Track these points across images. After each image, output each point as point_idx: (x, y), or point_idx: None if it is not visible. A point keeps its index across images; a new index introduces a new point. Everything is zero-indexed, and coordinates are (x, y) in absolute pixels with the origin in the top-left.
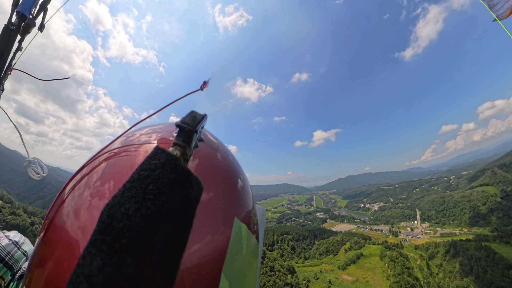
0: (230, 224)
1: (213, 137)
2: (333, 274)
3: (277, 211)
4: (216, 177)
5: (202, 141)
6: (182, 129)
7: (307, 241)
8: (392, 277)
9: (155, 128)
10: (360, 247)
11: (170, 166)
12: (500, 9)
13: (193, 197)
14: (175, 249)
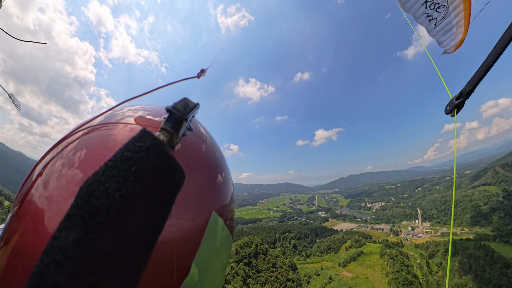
0: (207, 216)
1: (203, 129)
2: (333, 271)
3: (279, 210)
4: (200, 168)
5: (191, 130)
6: (172, 115)
7: (308, 239)
8: (391, 274)
9: (144, 109)
10: (361, 245)
11: (155, 151)
12: (447, 45)
13: (174, 185)
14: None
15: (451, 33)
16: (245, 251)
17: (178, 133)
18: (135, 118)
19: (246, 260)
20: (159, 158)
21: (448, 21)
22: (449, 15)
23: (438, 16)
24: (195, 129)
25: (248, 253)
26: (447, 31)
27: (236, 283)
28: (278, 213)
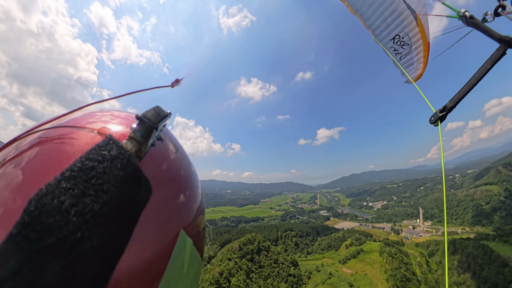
0: (174, 236)
1: (174, 140)
2: (333, 267)
3: (281, 209)
4: (168, 182)
5: (161, 140)
6: (142, 123)
7: (310, 238)
8: (389, 271)
9: (113, 115)
10: (361, 243)
11: (121, 162)
12: (412, 75)
13: (140, 201)
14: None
15: (413, 67)
16: (248, 248)
17: (147, 142)
18: (100, 123)
19: (249, 256)
20: (125, 170)
21: (410, 57)
22: (412, 53)
23: (403, 52)
24: (166, 139)
25: (251, 250)
26: (410, 65)
27: (240, 277)
28: (280, 212)
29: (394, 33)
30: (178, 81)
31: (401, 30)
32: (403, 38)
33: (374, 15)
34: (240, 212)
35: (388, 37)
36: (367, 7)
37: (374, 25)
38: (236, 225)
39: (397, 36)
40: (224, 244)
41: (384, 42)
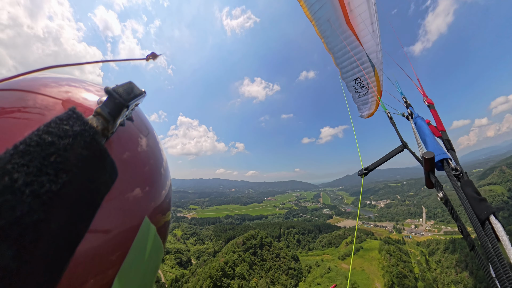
0: (138, 222)
1: (145, 121)
2: (333, 263)
3: (284, 207)
4: (135, 165)
5: (132, 121)
6: (112, 99)
7: (312, 235)
8: (386, 267)
9: (78, 83)
10: (361, 241)
11: (84, 139)
12: (363, 113)
13: (103, 184)
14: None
15: (367, 106)
16: (251, 243)
17: (115, 121)
18: (64, 91)
19: (252, 250)
20: (89, 148)
21: (367, 97)
22: (368, 94)
23: (361, 92)
24: (136, 120)
25: (254, 244)
26: (365, 103)
27: (243, 267)
28: (284, 210)
29: (357, 75)
30: (155, 56)
31: (362, 75)
32: (363, 82)
33: (343, 57)
34: (244, 210)
35: (352, 77)
36: (339, 49)
37: (342, 65)
38: (240, 223)
39: (358, 78)
40: (229, 240)
41: (347, 80)
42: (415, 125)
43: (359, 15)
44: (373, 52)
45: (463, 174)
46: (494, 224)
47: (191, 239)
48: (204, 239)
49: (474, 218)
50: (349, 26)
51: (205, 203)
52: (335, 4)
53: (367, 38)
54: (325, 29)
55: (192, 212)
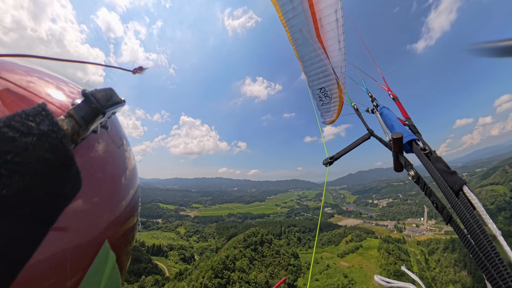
0: (96, 247)
1: (120, 133)
2: (332, 261)
3: (286, 206)
4: (102, 179)
5: (106, 129)
6: (88, 103)
7: (312, 233)
8: (384, 265)
9: (52, 78)
10: (361, 239)
11: (50, 141)
12: (325, 120)
13: (63, 197)
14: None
15: (329, 114)
16: (252, 239)
17: (88, 127)
18: (35, 83)
19: (253, 247)
20: (54, 152)
21: (329, 106)
22: (331, 103)
23: (325, 100)
24: (112, 129)
25: (255, 241)
26: (328, 111)
27: (244, 261)
28: (285, 209)
29: (322, 85)
30: (141, 69)
31: (326, 85)
32: (327, 92)
33: (311, 67)
34: (246, 209)
35: (317, 86)
36: (308, 59)
37: (309, 73)
38: (242, 221)
39: (323, 88)
40: (231, 237)
41: (313, 88)
42: (381, 114)
43: (328, 31)
44: (338, 66)
45: (432, 152)
46: (468, 194)
47: (194, 236)
48: (207, 236)
49: (448, 190)
50: (319, 39)
51: (208, 202)
52: (308, 16)
53: (334, 53)
54: (297, 37)
55: (195, 211)
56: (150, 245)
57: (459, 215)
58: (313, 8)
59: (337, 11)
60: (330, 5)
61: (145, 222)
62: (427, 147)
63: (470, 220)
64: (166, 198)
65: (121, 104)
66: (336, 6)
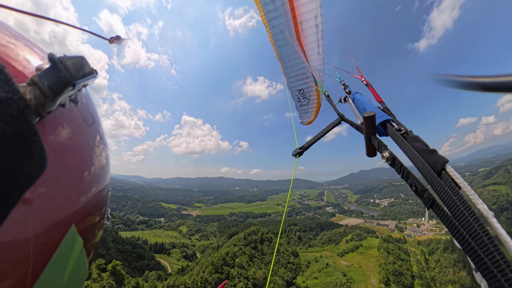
0: (62, 232)
1: (93, 109)
2: (331, 259)
3: (288, 205)
4: (70, 159)
5: (76, 104)
6: (56, 70)
7: (313, 232)
8: (383, 265)
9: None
10: (361, 239)
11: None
12: (304, 120)
13: (26, 176)
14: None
15: (307, 115)
16: (252, 238)
17: (55, 99)
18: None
19: (253, 245)
20: (14, 125)
21: (307, 107)
22: (309, 105)
23: (303, 102)
24: (82, 104)
25: (255, 239)
26: (306, 112)
27: (243, 258)
28: (287, 208)
29: (301, 87)
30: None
31: (305, 87)
32: (305, 93)
33: (291, 68)
34: (248, 208)
35: (296, 88)
36: (288, 60)
37: (289, 75)
38: (244, 220)
39: (302, 89)
40: (232, 235)
41: (292, 89)
42: (354, 100)
43: (308, 35)
44: (317, 70)
45: (408, 132)
46: (451, 173)
47: (196, 235)
48: (208, 235)
49: (429, 170)
50: (299, 42)
51: (210, 201)
52: (289, 19)
53: (314, 57)
54: (279, 38)
55: (197, 210)
56: (153, 243)
57: (442, 196)
58: (294, 11)
59: (317, 16)
60: (311, 10)
61: (147, 221)
62: (402, 128)
63: (456, 201)
64: (168, 198)
65: (93, 75)
66: (316, 12)
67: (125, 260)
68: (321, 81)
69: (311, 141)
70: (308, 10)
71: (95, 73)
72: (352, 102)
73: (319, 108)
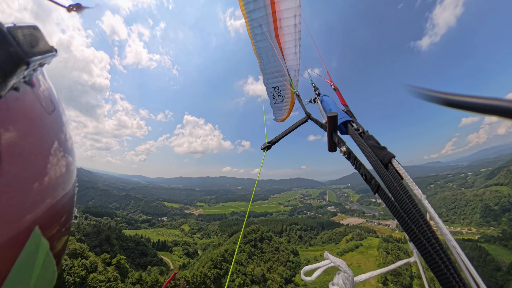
0: (24, 236)
1: (52, 95)
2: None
3: (289, 204)
4: (27, 152)
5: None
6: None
7: (314, 232)
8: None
9: None
10: (361, 238)
11: None
12: (277, 118)
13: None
14: None
15: (281, 112)
16: (252, 236)
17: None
18: None
19: (252, 243)
20: None
21: (281, 105)
22: (283, 103)
23: (278, 99)
24: (40, 88)
25: (254, 238)
26: (279, 110)
27: (243, 256)
28: (289, 208)
29: (276, 84)
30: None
31: (280, 85)
32: (280, 91)
33: (268, 65)
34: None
35: (272, 85)
36: (265, 56)
37: (266, 71)
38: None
39: (277, 87)
40: (233, 234)
41: (268, 86)
42: (322, 101)
43: (286, 34)
44: (292, 70)
45: (365, 132)
46: (396, 166)
47: (198, 233)
48: (210, 233)
49: (378, 163)
50: (277, 39)
51: (212, 201)
52: (268, 14)
53: (290, 56)
54: (257, 32)
55: (199, 209)
56: (156, 241)
57: (387, 184)
58: (274, 6)
59: (296, 16)
60: (290, 9)
61: (150, 220)
62: (360, 128)
63: (398, 188)
64: (170, 197)
65: (51, 54)
66: (295, 12)
67: (129, 256)
68: (295, 81)
69: (279, 136)
70: (287, 8)
71: (55, 51)
72: (320, 103)
73: (293, 106)
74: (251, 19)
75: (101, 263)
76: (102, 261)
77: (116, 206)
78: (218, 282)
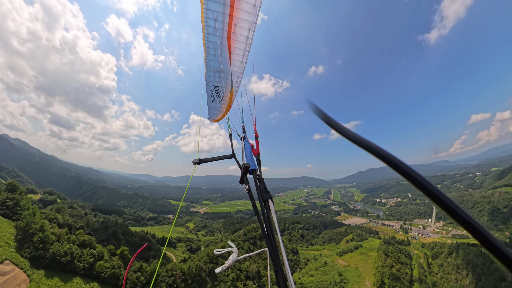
0: None
1: None
2: (330, 258)
3: (294, 203)
4: None
5: None
6: None
7: (316, 231)
8: (380, 268)
9: None
10: (362, 239)
11: None
12: (211, 118)
13: None
14: None
15: (217, 113)
16: (252, 234)
17: None
18: None
19: (252, 241)
20: None
21: (218, 105)
22: (220, 103)
23: (216, 99)
24: None
25: (254, 236)
26: (215, 110)
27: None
28: (293, 206)
29: (218, 84)
30: None
31: (221, 86)
32: (220, 92)
33: (212, 62)
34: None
35: (213, 83)
36: (213, 52)
37: (209, 67)
38: (250, 217)
39: (217, 86)
40: (235, 231)
41: (209, 83)
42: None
43: (238, 41)
44: (236, 76)
45: (261, 178)
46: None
47: (202, 231)
48: (214, 231)
49: (261, 200)
50: (228, 41)
51: (218, 199)
52: (226, 13)
53: (237, 62)
54: (210, 24)
55: (205, 207)
56: (160, 237)
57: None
58: (233, 10)
59: (250, 30)
60: (246, 21)
61: (156, 217)
62: (260, 176)
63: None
64: (177, 195)
65: None
66: (250, 26)
67: (134, 250)
68: (236, 87)
69: (208, 159)
70: (244, 19)
71: None
72: (244, 145)
73: (229, 109)
74: (207, 8)
75: (107, 253)
76: (108, 252)
77: (124, 204)
78: (213, 275)
